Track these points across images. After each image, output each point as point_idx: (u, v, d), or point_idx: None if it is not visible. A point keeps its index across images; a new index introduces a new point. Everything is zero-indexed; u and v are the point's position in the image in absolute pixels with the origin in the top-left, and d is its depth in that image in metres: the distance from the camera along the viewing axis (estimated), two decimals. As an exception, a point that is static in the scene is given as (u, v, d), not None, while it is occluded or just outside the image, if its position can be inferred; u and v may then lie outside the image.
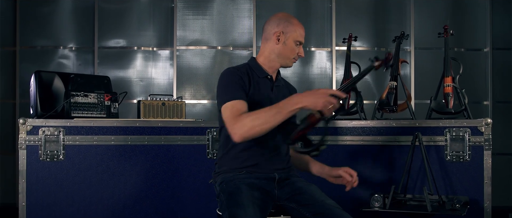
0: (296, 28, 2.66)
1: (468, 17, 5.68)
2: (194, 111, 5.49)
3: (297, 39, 2.65)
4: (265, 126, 2.36)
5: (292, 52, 2.66)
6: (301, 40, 2.67)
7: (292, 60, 2.69)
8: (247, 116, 2.38)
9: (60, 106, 3.36)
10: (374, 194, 3.13)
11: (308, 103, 2.34)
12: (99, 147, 3.24)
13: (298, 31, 2.67)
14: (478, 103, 5.61)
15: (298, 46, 2.67)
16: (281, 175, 2.61)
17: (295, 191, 2.56)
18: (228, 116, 2.44)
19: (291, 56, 2.67)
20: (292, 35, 2.65)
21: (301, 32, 2.68)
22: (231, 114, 2.43)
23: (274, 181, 2.59)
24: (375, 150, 3.32)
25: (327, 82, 5.55)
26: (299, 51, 2.68)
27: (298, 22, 2.69)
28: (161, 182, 3.29)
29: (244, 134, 2.37)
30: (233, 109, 2.45)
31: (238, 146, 2.57)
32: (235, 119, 2.40)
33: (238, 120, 2.39)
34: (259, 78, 2.65)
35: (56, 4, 5.44)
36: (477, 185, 3.23)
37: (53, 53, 5.44)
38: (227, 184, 2.54)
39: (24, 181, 3.16)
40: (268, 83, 2.68)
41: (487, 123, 3.23)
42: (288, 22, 2.66)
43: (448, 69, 3.44)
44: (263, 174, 2.58)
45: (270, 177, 2.59)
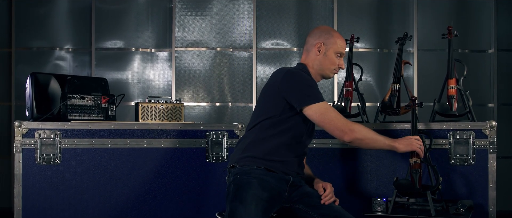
0: (337, 40, 2.80)
1: (473, 18, 5.68)
2: (193, 113, 5.49)
3: (337, 50, 2.79)
4: (371, 143, 2.70)
5: (333, 64, 2.80)
6: (342, 52, 2.81)
7: (333, 71, 2.82)
8: (363, 126, 2.66)
9: (57, 108, 3.36)
10: (376, 198, 3.13)
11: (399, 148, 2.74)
12: (96, 150, 3.24)
13: (338, 43, 2.80)
14: (483, 106, 5.61)
15: (339, 58, 2.81)
16: (295, 179, 2.73)
17: (304, 194, 2.69)
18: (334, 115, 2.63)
19: (332, 68, 2.80)
20: (333, 47, 2.79)
21: (342, 44, 2.82)
22: (340, 116, 2.65)
23: (287, 184, 2.68)
24: (378, 153, 3.32)
25: (328, 83, 5.55)
26: (340, 63, 2.82)
27: (339, 35, 2.84)
28: (160, 186, 3.29)
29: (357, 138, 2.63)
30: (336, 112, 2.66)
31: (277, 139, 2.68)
32: (351, 122, 2.65)
33: (354, 124, 2.64)
34: None
35: (53, 5, 5.45)
36: (482, 189, 3.22)
37: (49, 55, 5.45)
38: (241, 176, 2.64)
39: (20, 184, 3.16)
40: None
41: (491, 126, 3.23)
42: (329, 34, 2.81)
43: (452, 71, 3.43)
44: (280, 175, 2.67)
45: (285, 179, 2.68)
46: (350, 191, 3.33)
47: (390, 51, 5.59)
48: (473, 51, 5.67)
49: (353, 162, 3.33)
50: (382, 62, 5.61)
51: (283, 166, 2.68)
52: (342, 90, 3.64)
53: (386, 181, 3.28)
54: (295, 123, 2.69)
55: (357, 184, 3.33)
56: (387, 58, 5.60)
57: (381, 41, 5.62)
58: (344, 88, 3.61)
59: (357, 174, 3.34)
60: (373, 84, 5.59)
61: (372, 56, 5.61)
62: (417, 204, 3.10)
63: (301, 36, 5.56)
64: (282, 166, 2.67)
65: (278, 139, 2.68)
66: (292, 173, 2.71)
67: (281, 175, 2.67)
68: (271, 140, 2.68)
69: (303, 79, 2.69)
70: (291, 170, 2.71)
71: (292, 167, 2.72)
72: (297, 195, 2.69)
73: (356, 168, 3.33)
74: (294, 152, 2.72)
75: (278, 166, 2.66)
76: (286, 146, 2.69)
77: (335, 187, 3.28)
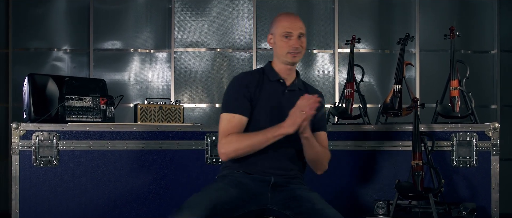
0: (280, 23, 2.69)
1: (475, 18, 5.69)
2: (192, 115, 5.49)
3: (282, 32, 2.66)
4: (249, 150, 2.57)
5: (283, 48, 2.67)
6: (288, 31, 2.66)
7: (287, 56, 2.67)
8: (236, 138, 2.56)
9: (54, 110, 3.36)
10: (378, 200, 3.14)
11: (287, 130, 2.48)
12: (95, 152, 3.24)
13: (281, 24, 2.68)
14: (486, 107, 5.61)
15: (288, 38, 2.66)
16: (278, 179, 2.63)
17: (292, 198, 2.56)
18: (221, 130, 2.61)
19: (285, 51, 2.66)
20: (278, 31, 2.68)
21: (285, 23, 2.67)
22: (224, 129, 2.61)
23: (268, 185, 2.61)
24: (379, 155, 3.32)
25: (329, 85, 5.56)
26: (291, 43, 2.66)
27: (284, 16, 2.72)
28: (159, 188, 3.29)
29: (229, 154, 2.57)
30: (228, 123, 2.61)
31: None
32: (226, 137, 2.58)
33: (227, 140, 2.57)
34: (270, 81, 2.72)
35: (50, 5, 5.45)
36: (485, 191, 3.23)
37: (47, 56, 5.45)
38: (219, 177, 2.68)
39: (17, 187, 3.16)
40: (279, 87, 2.72)
41: (494, 127, 3.23)
42: (274, 21, 2.73)
43: (455, 72, 3.44)
44: (259, 176, 2.62)
45: (265, 180, 2.61)
46: (351, 194, 3.33)
47: (392, 52, 5.59)
48: (476, 52, 5.67)
49: (354, 164, 3.34)
50: (384, 63, 5.61)
51: (261, 164, 2.62)
52: (343, 92, 3.64)
53: (388, 183, 3.29)
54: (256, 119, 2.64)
55: (359, 186, 3.33)
56: (389, 59, 5.60)
57: (382, 42, 5.63)
58: (345, 89, 3.62)
59: (359, 176, 3.34)
60: (375, 85, 5.59)
61: (374, 57, 5.62)
62: (419, 207, 3.10)
63: (301, 36, 5.56)
64: (258, 165, 2.62)
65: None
66: (273, 172, 2.62)
67: (260, 176, 2.61)
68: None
69: (229, 88, 2.70)
70: (272, 167, 2.63)
71: (268, 168, 2.63)
72: (283, 198, 2.57)
73: (357, 170, 3.34)
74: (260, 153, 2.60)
75: (254, 166, 2.62)
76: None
77: (336, 189, 3.30)
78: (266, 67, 2.78)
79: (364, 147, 3.34)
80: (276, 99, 2.69)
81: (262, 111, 2.65)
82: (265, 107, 2.66)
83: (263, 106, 2.66)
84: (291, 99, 2.63)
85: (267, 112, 2.65)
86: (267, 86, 2.71)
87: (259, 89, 2.68)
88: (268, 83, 2.72)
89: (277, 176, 2.64)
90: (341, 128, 3.39)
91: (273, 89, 2.71)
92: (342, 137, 3.35)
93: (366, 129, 3.36)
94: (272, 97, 2.69)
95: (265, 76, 2.74)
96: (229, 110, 2.63)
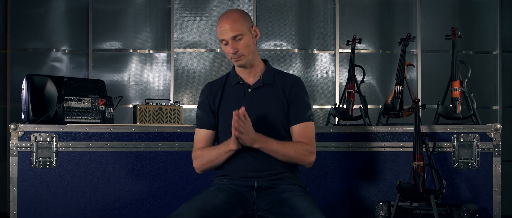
0: (218, 28, 2.65)
1: (477, 19, 5.69)
2: (192, 116, 5.49)
3: (220, 38, 2.64)
4: (211, 164, 2.66)
5: (226, 53, 2.65)
6: (222, 38, 2.62)
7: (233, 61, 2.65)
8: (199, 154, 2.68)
9: (53, 111, 3.36)
10: (379, 202, 3.14)
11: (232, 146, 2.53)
12: (93, 154, 3.25)
13: (218, 31, 2.65)
14: (487, 108, 5.61)
15: (226, 45, 2.63)
16: (262, 183, 2.60)
17: (276, 203, 2.53)
18: (194, 144, 2.75)
19: (229, 57, 2.64)
20: (218, 37, 2.65)
21: (218, 29, 2.63)
22: (194, 143, 2.75)
23: (253, 189, 2.60)
24: (380, 156, 3.32)
25: (330, 86, 5.56)
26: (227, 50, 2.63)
27: (219, 20, 2.66)
28: (158, 190, 3.29)
29: (199, 168, 2.71)
30: (196, 138, 2.75)
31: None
32: (193, 153, 2.72)
33: (194, 156, 2.71)
34: (231, 86, 2.73)
35: (49, 5, 5.45)
36: (486, 193, 3.23)
37: (45, 56, 5.45)
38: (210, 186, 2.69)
39: (16, 188, 3.16)
40: (240, 89, 2.71)
41: (496, 129, 3.23)
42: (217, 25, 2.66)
43: (456, 72, 3.44)
44: (242, 181, 2.61)
45: (249, 185, 2.61)
46: (352, 195, 3.33)
47: (393, 53, 5.59)
48: (478, 52, 5.67)
49: (355, 165, 3.34)
50: (385, 64, 5.61)
51: (243, 170, 2.61)
52: (344, 93, 3.64)
53: (389, 185, 3.29)
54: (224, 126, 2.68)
55: (359, 188, 3.33)
56: (390, 59, 5.60)
57: (383, 42, 5.62)
58: (346, 90, 3.62)
59: (359, 177, 3.34)
60: (376, 86, 5.59)
61: (375, 57, 5.62)
62: (420, 209, 3.10)
63: (302, 37, 5.56)
64: (241, 171, 2.61)
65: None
66: (256, 176, 2.60)
67: (244, 181, 2.61)
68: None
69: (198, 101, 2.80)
70: (253, 171, 2.60)
71: (255, 167, 2.60)
72: (270, 202, 2.54)
73: (358, 171, 3.34)
74: (241, 158, 2.61)
75: (238, 172, 2.62)
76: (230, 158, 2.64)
77: (337, 191, 3.30)
78: (231, 71, 2.78)
79: (365, 148, 3.34)
80: (237, 102, 2.64)
81: (227, 117, 2.62)
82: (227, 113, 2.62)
83: (226, 113, 2.65)
84: (255, 98, 2.65)
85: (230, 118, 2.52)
86: (229, 91, 2.72)
87: (220, 97, 2.71)
88: (229, 88, 2.73)
89: (261, 180, 2.61)
90: (341, 129, 3.39)
91: (234, 93, 2.71)
92: (342, 138, 3.35)
93: (367, 130, 3.36)
94: (232, 101, 2.67)
95: (227, 81, 2.75)
96: (196, 125, 2.76)
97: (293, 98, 2.65)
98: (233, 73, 2.74)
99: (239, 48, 2.59)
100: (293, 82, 2.69)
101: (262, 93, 2.66)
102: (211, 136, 2.72)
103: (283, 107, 2.65)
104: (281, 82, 2.69)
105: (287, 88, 2.67)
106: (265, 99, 2.66)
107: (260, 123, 2.59)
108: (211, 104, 2.71)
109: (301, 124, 2.63)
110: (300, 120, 2.64)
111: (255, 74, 2.71)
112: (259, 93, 2.67)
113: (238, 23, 2.60)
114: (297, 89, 2.67)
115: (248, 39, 2.61)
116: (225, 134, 2.65)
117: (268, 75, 2.70)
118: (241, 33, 2.59)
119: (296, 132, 2.63)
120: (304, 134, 2.63)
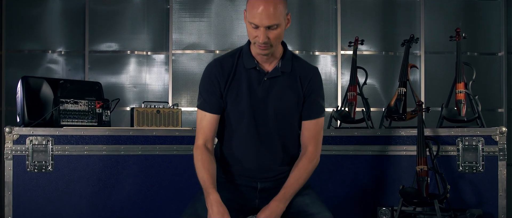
0: (251, 8, 2.39)
1: (482, 20, 5.69)
2: (190, 119, 5.49)
3: (250, 20, 2.41)
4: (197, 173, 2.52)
5: (250, 35, 2.45)
6: (254, 22, 2.39)
7: (256, 46, 2.45)
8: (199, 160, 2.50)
9: (49, 114, 3.37)
10: (381, 207, 3.14)
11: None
12: (90, 157, 3.25)
13: (250, 11, 2.40)
14: (492, 111, 5.62)
15: (254, 29, 2.40)
16: (265, 184, 2.58)
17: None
18: (196, 127, 2.57)
19: (252, 40, 2.45)
20: (248, 15, 2.42)
21: (254, 10, 2.37)
22: (197, 129, 2.57)
23: (256, 191, 2.58)
24: (383, 160, 3.33)
25: (331, 88, 5.56)
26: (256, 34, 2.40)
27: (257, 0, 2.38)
28: (156, 194, 3.29)
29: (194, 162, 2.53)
30: (200, 123, 2.56)
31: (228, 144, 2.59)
32: (195, 151, 2.54)
33: (195, 154, 2.53)
34: (246, 70, 2.54)
35: (44, 6, 5.46)
36: (491, 198, 3.23)
37: (41, 58, 5.45)
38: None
39: (11, 193, 3.16)
40: (255, 75, 2.53)
41: (501, 132, 3.23)
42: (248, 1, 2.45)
43: (460, 74, 3.45)
44: (244, 181, 2.58)
45: (252, 186, 2.58)
46: (354, 200, 3.33)
47: (396, 54, 5.60)
48: (482, 54, 5.68)
49: (357, 169, 3.34)
50: (388, 66, 5.62)
51: (246, 169, 2.56)
52: (346, 95, 3.65)
53: (392, 189, 3.29)
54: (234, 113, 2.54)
55: (362, 192, 3.33)
56: (393, 61, 5.61)
57: (386, 43, 5.63)
58: (348, 92, 3.62)
59: (362, 181, 3.34)
60: (378, 88, 5.59)
61: (377, 59, 5.62)
62: (424, 214, 3.11)
63: (303, 38, 5.57)
64: (244, 171, 2.56)
65: (228, 135, 2.59)
66: (260, 176, 2.56)
67: (244, 181, 2.58)
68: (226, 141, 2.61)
69: (202, 78, 2.58)
70: (258, 171, 2.56)
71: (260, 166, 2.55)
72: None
73: (360, 175, 3.34)
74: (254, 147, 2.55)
75: (240, 172, 2.57)
76: (233, 157, 2.59)
77: (339, 196, 3.30)
78: (244, 49, 2.56)
79: (368, 152, 3.34)
80: (251, 90, 2.52)
81: (238, 103, 2.51)
82: (239, 99, 2.52)
83: (238, 98, 2.52)
84: (270, 88, 2.52)
85: (242, 106, 2.50)
86: (242, 74, 2.53)
87: (231, 79, 2.53)
88: (242, 71, 2.53)
89: (264, 180, 2.58)
90: (343, 132, 3.39)
91: (248, 79, 2.53)
92: (344, 141, 3.36)
93: (369, 133, 3.36)
94: (245, 88, 2.52)
95: (240, 62, 2.54)
96: (201, 106, 2.55)
97: (310, 93, 2.55)
98: (248, 54, 2.54)
99: (271, 38, 2.40)
100: (313, 75, 2.58)
101: (279, 83, 2.53)
102: (216, 120, 2.54)
103: (298, 100, 2.55)
104: (299, 72, 2.56)
105: (305, 80, 2.56)
106: (281, 90, 2.53)
107: (274, 115, 2.53)
108: (221, 86, 2.52)
109: (313, 121, 2.56)
110: (314, 116, 2.56)
111: (273, 60, 2.53)
112: (275, 83, 2.53)
113: (278, 10, 2.38)
114: (315, 84, 2.57)
115: (282, 29, 2.43)
116: (234, 121, 2.54)
117: (287, 62, 2.55)
118: (278, 23, 2.39)
119: (306, 129, 2.56)
120: (313, 132, 2.56)
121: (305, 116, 2.57)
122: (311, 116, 2.57)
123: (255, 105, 2.52)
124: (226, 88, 2.53)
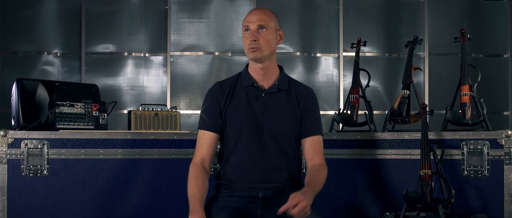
0: (245, 17, 2.65)
1: (487, 21, 5.70)
2: (189, 122, 5.51)
3: (243, 25, 2.64)
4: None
5: (244, 44, 2.64)
6: (246, 24, 2.62)
7: (249, 51, 2.62)
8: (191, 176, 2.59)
9: (44, 117, 3.37)
10: (385, 212, 3.14)
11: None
12: (87, 161, 3.25)
13: (245, 18, 2.65)
14: (498, 114, 5.63)
15: (247, 32, 2.63)
16: (267, 193, 2.62)
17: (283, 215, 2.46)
18: (196, 146, 2.69)
19: (246, 48, 2.62)
20: (242, 24, 2.65)
21: (246, 17, 2.64)
22: (196, 146, 2.69)
23: (257, 200, 2.61)
24: (386, 164, 3.33)
25: (334, 90, 5.57)
26: (247, 36, 2.61)
27: (250, 11, 2.69)
28: (154, 199, 3.29)
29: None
30: (199, 141, 2.68)
31: (229, 161, 2.68)
32: (191, 167, 2.63)
33: (190, 170, 2.62)
34: (244, 87, 2.70)
35: (40, 7, 5.47)
36: (497, 203, 3.23)
37: (36, 60, 5.46)
38: (208, 203, 2.65)
39: (5, 198, 3.16)
40: (253, 92, 2.68)
41: (507, 135, 3.23)
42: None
43: (465, 76, 3.45)
44: (245, 192, 2.62)
45: (253, 196, 2.62)
46: (356, 205, 3.33)
47: (400, 56, 5.61)
48: (488, 55, 5.69)
49: (360, 174, 3.34)
50: (391, 68, 5.62)
51: (248, 178, 2.62)
52: (348, 98, 3.65)
53: (395, 194, 3.29)
54: (232, 130, 2.66)
55: (364, 197, 3.33)
56: (396, 63, 5.62)
57: (389, 45, 5.64)
58: (350, 95, 3.63)
59: (364, 186, 3.34)
60: (381, 91, 5.60)
61: (380, 61, 5.63)
62: (428, 219, 3.11)
63: (304, 40, 5.58)
64: (246, 180, 2.62)
65: (228, 162, 2.68)
66: (262, 186, 2.61)
67: (246, 192, 2.62)
68: (224, 164, 2.71)
69: (203, 101, 2.75)
70: (259, 180, 2.62)
71: (261, 176, 2.62)
72: (274, 213, 2.46)
73: (363, 180, 3.34)
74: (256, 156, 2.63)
75: (238, 183, 2.64)
76: (234, 166, 2.66)
77: (342, 200, 3.30)
78: (243, 71, 2.74)
79: (370, 156, 3.35)
80: (249, 105, 2.66)
81: (237, 119, 2.64)
82: (237, 115, 2.65)
83: (236, 115, 2.65)
84: (269, 104, 2.66)
85: (241, 121, 2.64)
86: (241, 92, 2.69)
87: (230, 97, 2.68)
88: (241, 89, 2.69)
89: (266, 190, 2.63)
90: (346, 135, 3.39)
91: (247, 95, 2.67)
92: (347, 145, 3.36)
93: (372, 137, 3.37)
94: (244, 104, 2.66)
95: (239, 82, 2.72)
96: (200, 126, 2.69)
97: (308, 110, 2.68)
98: (246, 74, 2.71)
99: (260, 40, 2.59)
100: (309, 93, 2.74)
101: (276, 99, 2.67)
102: (215, 140, 2.67)
103: (296, 116, 2.67)
104: (295, 90, 2.72)
105: (302, 98, 2.71)
106: (279, 106, 2.67)
107: (271, 130, 2.64)
108: (221, 105, 2.67)
109: (315, 137, 2.68)
110: (315, 132, 2.68)
111: (270, 78, 2.69)
112: (273, 98, 2.68)
113: (267, 16, 2.62)
114: (312, 102, 2.72)
115: (271, 35, 2.62)
116: (234, 136, 2.65)
117: (283, 81, 2.71)
118: (267, 26, 2.61)
119: (310, 145, 2.67)
120: (318, 148, 2.68)
121: (306, 133, 2.68)
122: (312, 132, 2.69)
123: (254, 119, 2.64)
124: (226, 104, 2.68)
